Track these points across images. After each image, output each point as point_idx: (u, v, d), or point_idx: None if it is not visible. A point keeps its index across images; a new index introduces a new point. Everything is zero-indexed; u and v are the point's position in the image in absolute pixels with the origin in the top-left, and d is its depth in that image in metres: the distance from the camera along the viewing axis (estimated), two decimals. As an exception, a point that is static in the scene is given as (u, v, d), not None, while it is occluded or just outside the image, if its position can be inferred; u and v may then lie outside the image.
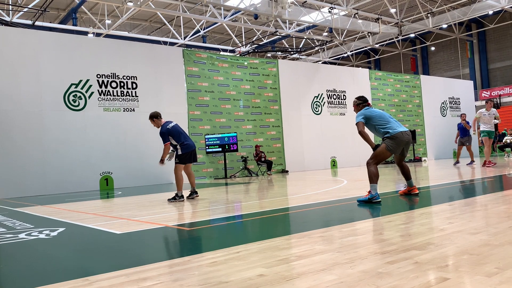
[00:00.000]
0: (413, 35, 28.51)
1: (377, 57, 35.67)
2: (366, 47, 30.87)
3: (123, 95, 12.43)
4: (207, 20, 22.36)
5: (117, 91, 12.34)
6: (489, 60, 31.98)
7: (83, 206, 7.25)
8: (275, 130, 16.04)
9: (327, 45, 29.79)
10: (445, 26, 25.82)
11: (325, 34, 27.91)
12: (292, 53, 30.03)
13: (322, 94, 17.42)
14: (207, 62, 14.61)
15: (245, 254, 2.92)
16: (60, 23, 23.42)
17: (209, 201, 6.86)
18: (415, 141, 19.27)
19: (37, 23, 19.97)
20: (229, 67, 15.16)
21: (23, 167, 10.77)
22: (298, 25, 24.37)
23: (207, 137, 14.08)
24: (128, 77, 12.57)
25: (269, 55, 29.87)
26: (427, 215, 4.24)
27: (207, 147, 14.07)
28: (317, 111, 17.20)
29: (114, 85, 12.30)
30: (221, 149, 14.02)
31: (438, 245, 2.84)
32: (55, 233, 4.31)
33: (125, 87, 12.50)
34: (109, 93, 12.20)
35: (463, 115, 14.13)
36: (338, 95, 17.95)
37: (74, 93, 11.65)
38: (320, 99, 17.33)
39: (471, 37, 31.71)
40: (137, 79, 12.71)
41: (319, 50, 31.66)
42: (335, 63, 34.54)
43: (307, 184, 9.59)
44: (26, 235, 4.30)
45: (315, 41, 28.75)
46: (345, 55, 33.09)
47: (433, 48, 34.21)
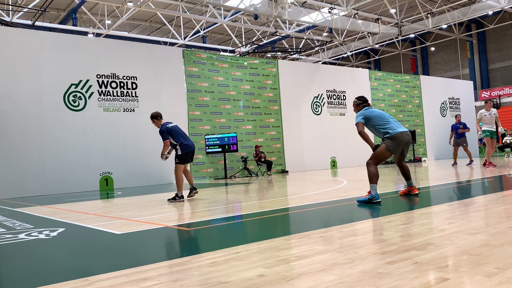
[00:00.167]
0: (413, 36, 28.52)
1: (377, 57, 35.67)
2: (366, 47, 30.87)
3: (123, 95, 12.43)
4: (207, 20, 22.36)
5: (117, 91, 12.34)
6: (489, 60, 31.98)
7: (83, 206, 7.25)
8: (275, 130, 16.04)
9: (327, 46, 29.79)
10: (445, 26, 25.82)
11: (325, 34, 27.91)
12: (292, 53, 30.03)
13: (322, 94, 17.43)
14: (207, 62, 14.62)
15: (245, 254, 2.91)
16: (60, 23, 23.43)
17: (209, 201, 6.86)
18: (415, 141, 19.28)
19: (37, 23, 19.97)
20: (229, 67, 15.17)
21: (23, 167, 10.77)
22: (298, 25, 24.37)
23: (207, 137, 14.08)
24: (128, 77, 12.57)
25: (269, 55, 29.88)
26: (427, 216, 4.24)
27: (207, 147, 14.07)
28: (317, 111, 17.21)
29: (114, 85, 12.31)
30: (221, 149, 14.03)
31: (438, 245, 2.84)
32: (55, 233, 4.30)
33: (125, 87, 12.50)
34: (109, 93, 12.20)
35: (458, 116, 14.14)
36: (338, 95, 17.95)
37: (74, 93, 11.65)
38: (320, 100, 17.33)
39: (471, 37, 31.71)
40: (137, 79, 12.71)
41: (319, 50, 31.67)
42: (335, 64, 34.55)
43: (307, 184, 9.59)
44: (26, 235, 4.30)
45: (315, 41, 28.75)
46: (345, 55, 33.10)
47: (433, 48, 34.21)
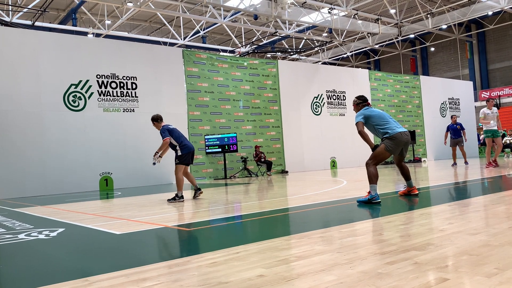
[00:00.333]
0: (412, 36, 28.53)
1: (376, 57, 35.68)
2: (365, 47, 30.88)
3: (122, 95, 12.43)
4: (206, 20, 22.36)
5: (117, 92, 12.34)
6: (489, 60, 31.98)
7: (83, 206, 7.25)
8: (275, 130, 16.04)
9: (327, 46, 29.80)
10: (444, 26, 25.82)
11: (325, 34, 27.92)
12: (291, 53, 30.04)
13: (321, 94, 17.43)
14: (207, 62, 14.62)
15: (245, 254, 2.91)
16: (60, 23, 23.43)
17: (208, 202, 6.86)
18: (415, 141, 19.28)
19: (37, 24, 19.97)
20: (229, 67, 15.16)
21: (22, 168, 10.76)
22: (298, 25, 24.38)
23: (206, 137, 14.08)
24: (127, 78, 12.57)
25: (269, 55, 29.88)
26: (427, 216, 4.24)
27: (207, 148, 14.06)
28: (317, 112, 17.21)
29: (113, 85, 12.30)
30: (220, 150, 14.02)
31: (437, 245, 2.84)
32: (54, 234, 4.30)
33: (125, 87, 12.50)
34: (108, 94, 12.20)
35: (454, 117, 14.19)
36: (337, 95, 17.95)
37: (73, 94, 11.65)
38: (319, 100, 17.33)
39: (470, 37, 31.71)
40: (136, 80, 12.71)
41: (319, 50, 31.68)
42: (334, 64, 34.56)
43: (307, 184, 9.59)
44: (25, 235, 4.30)
45: (315, 41, 28.75)
46: (345, 55, 33.11)
47: (432, 48, 34.22)
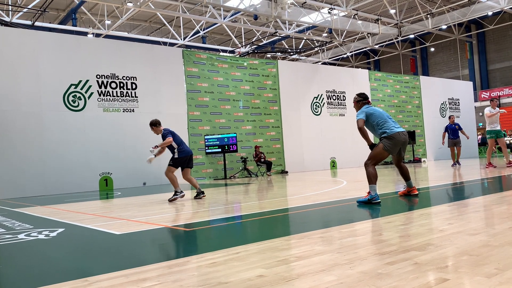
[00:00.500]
0: (412, 36, 28.53)
1: (376, 58, 35.68)
2: (365, 48, 30.88)
3: (122, 95, 12.43)
4: (206, 20, 22.36)
5: (117, 92, 12.34)
6: (489, 61, 31.99)
7: (83, 206, 7.25)
8: (275, 130, 16.03)
9: (327, 46, 29.80)
10: (444, 27, 25.82)
11: (325, 34, 27.92)
12: (291, 53, 30.03)
13: (321, 94, 17.43)
14: (207, 62, 14.61)
15: (245, 254, 2.91)
16: (59, 23, 23.42)
17: (208, 202, 6.86)
18: (415, 142, 19.27)
19: (37, 24, 19.97)
20: (229, 67, 15.16)
21: (22, 168, 10.76)
22: (297, 25, 24.37)
23: (206, 137, 14.08)
24: (127, 78, 12.57)
25: (269, 55, 29.88)
26: (427, 216, 4.24)
27: (207, 148, 14.06)
28: (317, 112, 17.21)
29: (113, 85, 12.30)
30: (220, 150, 14.02)
31: (437, 246, 2.84)
32: (54, 234, 4.30)
33: (125, 87, 12.50)
34: (108, 94, 12.20)
35: (451, 117, 14.25)
36: (337, 95, 17.95)
37: (73, 94, 11.65)
38: (319, 100, 17.33)
39: (470, 38, 31.72)
40: (136, 80, 12.71)
41: (319, 50, 31.68)
42: (334, 64, 34.56)
43: (307, 184, 9.58)
44: (25, 235, 4.30)
45: (315, 41, 28.75)
46: (345, 55, 33.11)
47: (432, 49, 34.22)
